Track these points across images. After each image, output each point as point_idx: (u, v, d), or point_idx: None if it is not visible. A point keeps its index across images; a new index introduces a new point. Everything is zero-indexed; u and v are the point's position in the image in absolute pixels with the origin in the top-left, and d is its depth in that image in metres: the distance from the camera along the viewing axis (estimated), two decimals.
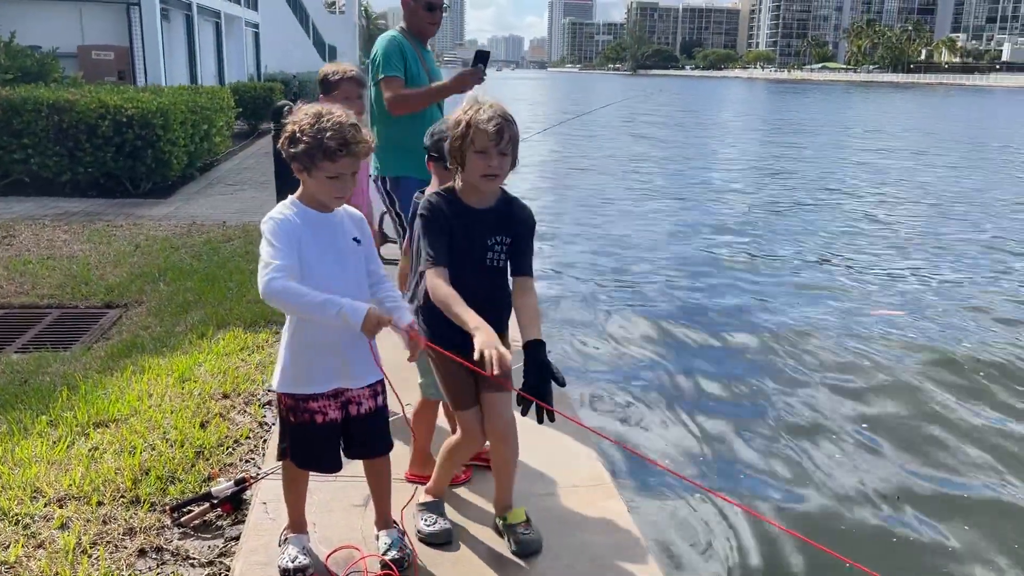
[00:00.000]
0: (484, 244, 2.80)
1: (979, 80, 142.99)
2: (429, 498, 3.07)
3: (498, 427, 2.84)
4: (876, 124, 37.82)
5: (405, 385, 2.87)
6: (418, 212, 2.80)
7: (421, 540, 2.91)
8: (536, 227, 2.92)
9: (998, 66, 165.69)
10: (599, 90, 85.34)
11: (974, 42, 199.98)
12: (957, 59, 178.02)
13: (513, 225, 2.83)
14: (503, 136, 2.64)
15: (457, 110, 2.75)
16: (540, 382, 2.62)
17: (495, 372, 2.42)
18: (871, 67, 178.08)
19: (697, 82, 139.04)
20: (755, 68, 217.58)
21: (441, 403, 3.27)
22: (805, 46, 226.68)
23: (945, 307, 8.15)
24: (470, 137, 2.65)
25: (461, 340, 2.58)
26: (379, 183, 4.38)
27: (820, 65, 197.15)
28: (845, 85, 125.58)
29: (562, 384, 2.66)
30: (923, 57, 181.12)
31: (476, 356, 2.46)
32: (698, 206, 14.61)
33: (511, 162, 2.74)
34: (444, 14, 4.64)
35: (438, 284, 2.69)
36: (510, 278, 2.88)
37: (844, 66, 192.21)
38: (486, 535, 2.99)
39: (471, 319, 2.57)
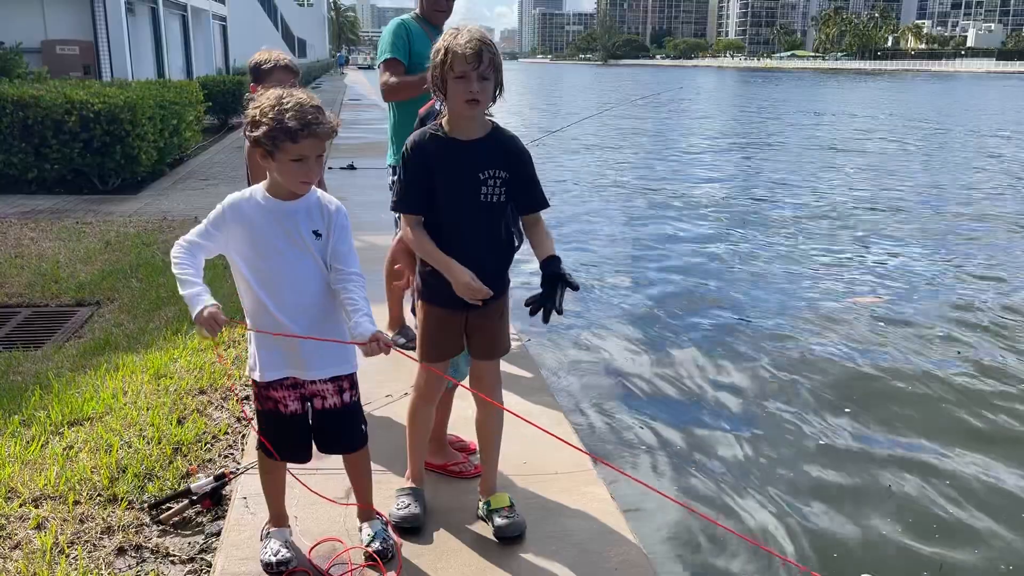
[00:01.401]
0: (476, 178, 2.74)
1: (945, 66, 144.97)
2: (408, 484, 3.07)
3: (484, 391, 2.93)
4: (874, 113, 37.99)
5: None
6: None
7: (391, 524, 2.91)
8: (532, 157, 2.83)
9: (963, 52, 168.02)
10: (571, 82, 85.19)
11: (939, 28, 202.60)
12: (923, 45, 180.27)
13: (506, 157, 2.78)
14: (482, 58, 2.62)
15: (438, 40, 2.73)
16: (551, 291, 2.70)
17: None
18: (839, 54, 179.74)
19: (669, 71, 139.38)
20: (725, 57, 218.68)
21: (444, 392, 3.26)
22: (774, 34, 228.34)
23: (926, 292, 8.16)
24: (449, 63, 2.63)
25: (448, 302, 2.71)
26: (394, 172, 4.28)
27: (789, 53, 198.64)
28: (813, 73, 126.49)
29: (576, 288, 2.74)
30: (889, 44, 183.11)
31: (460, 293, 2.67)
32: (671, 196, 14.65)
33: (495, 87, 2.71)
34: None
35: (406, 231, 2.80)
36: (520, 219, 2.88)
37: (813, 54, 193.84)
38: (475, 526, 2.99)
39: (442, 261, 2.73)
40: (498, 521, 2.90)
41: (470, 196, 2.75)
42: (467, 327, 2.90)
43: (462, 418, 3.47)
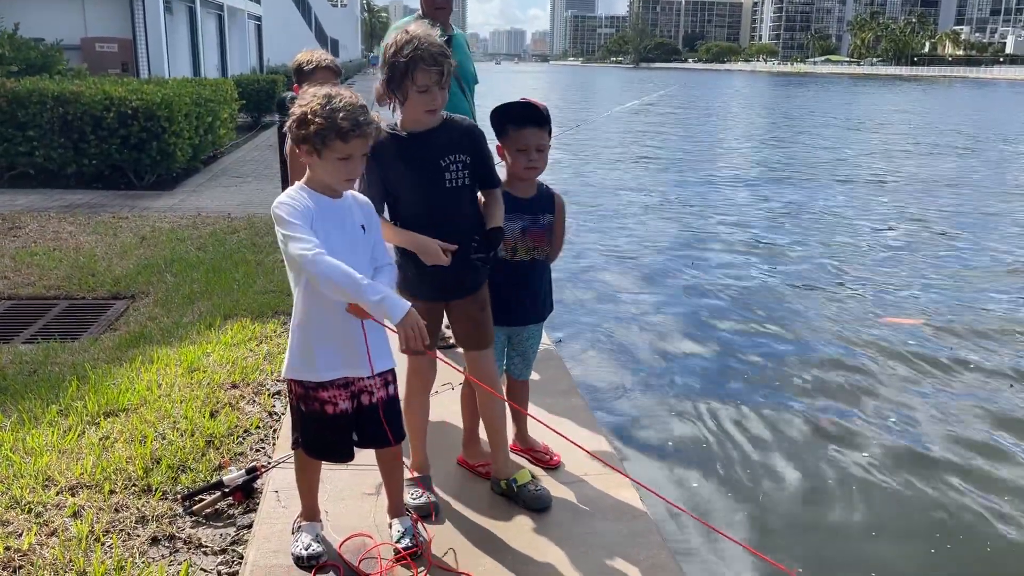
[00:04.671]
0: (437, 165, 2.83)
1: (982, 73, 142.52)
2: (415, 474, 3.13)
3: (483, 380, 2.99)
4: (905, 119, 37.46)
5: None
6: None
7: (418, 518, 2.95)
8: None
9: (1001, 59, 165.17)
10: (601, 85, 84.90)
11: (977, 35, 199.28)
12: (961, 52, 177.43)
13: (465, 140, 2.88)
14: (444, 73, 2.72)
15: (391, 35, 2.86)
16: (487, 251, 2.88)
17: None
18: (875, 60, 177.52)
19: (700, 75, 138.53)
20: (758, 61, 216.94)
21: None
22: (808, 39, 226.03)
23: (963, 314, 7.75)
24: (412, 76, 2.71)
25: (428, 293, 2.79)
26: None
27: (823, 58, 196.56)
28: (848, 78, 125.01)
29: (486, 264, 2.92)
30: (926, 50, 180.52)
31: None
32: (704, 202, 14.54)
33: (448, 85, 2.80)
34: None
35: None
36: (479, 195, 2.97)
37: (847, 59, 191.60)
38: (488, 515, 3.00)
39: (405, 237, 2.82)
40: (528, 494, 3.05)
41: (434, 183, 2.83)
42: (451, 317, 3.02)
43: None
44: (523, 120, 3.06)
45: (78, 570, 2.69)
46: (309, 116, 2.39)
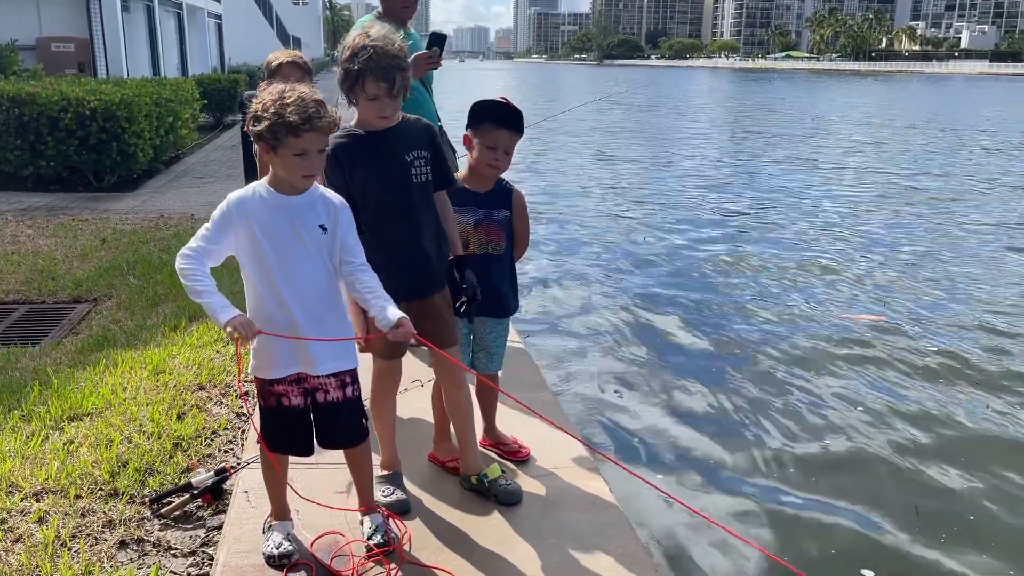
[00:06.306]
0: (403, 161, 2.86)
1: (938, 67, 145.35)
2: (384, 471, 3.14)
3: (452, 377, 3.06)
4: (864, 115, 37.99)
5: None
6: None
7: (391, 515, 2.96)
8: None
9: (956, 53, 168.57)
10: (569, 81, 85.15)
11: (933, 30, 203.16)
12: (917, 47, 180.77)
13: (423, 137, 2.92)
14: (395, 83, 2.74)
15: (352, 35, 2.84)
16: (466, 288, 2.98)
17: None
18: (833, 55, 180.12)
19: (663, 72, 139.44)
20: (720, 57, 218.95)
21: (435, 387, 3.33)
22: (768, 35, 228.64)
23: (927, 310, 7.78)
24: (362, 84, 2.73)
25: (394, 293, 2.74)
26: None
27: (784, 54, 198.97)
28: (807, 74, 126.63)
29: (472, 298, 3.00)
30: (883, 45, 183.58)
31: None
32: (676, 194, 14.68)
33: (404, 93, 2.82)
34: None
35: None
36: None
37: (807, 55, 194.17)
38: (460, 511, 3.01)
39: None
40: (499, 488, 3.08)
41: (402, 180, 2.86)
42: (418, 316, 2.93)
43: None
44: (503, 122, 3.09)
45: None
46: (260, 112, 2.39)
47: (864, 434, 5.13)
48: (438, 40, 4.28)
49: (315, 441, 2.75)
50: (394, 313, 2.51)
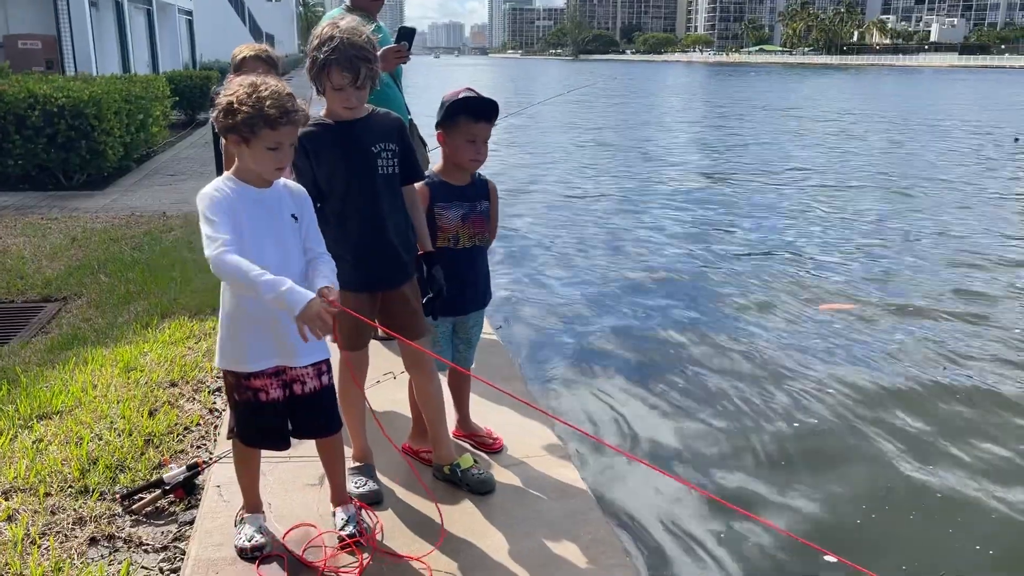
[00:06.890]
0: (370, 152, 2.88)
1: (908, 60, 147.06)
2: (356, 463, 3.15)
3: (422, 367, 3.10)
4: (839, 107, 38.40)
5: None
6: None
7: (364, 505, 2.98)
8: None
9: (926, 46, 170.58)
10: (546, 77, 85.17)
11: (903, 23, 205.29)
12: (888, 40, 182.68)
13: (392, 130, 2.94)
14: (359, 74, 2.76)
15: (321, 25, 2.89)
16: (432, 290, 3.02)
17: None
18: (806, 49, 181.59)
19: (638, 66, 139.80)
20: (694, 52, 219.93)
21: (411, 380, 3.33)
22: (742, 29, 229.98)
23: (896, 297, 7.86)
24: (327, 74, 2.77)
25: (361, 285, 2.80)
26: None
27: (757, 48, 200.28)
28: (781, 67, 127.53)
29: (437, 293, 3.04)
30: (855, 39, 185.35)
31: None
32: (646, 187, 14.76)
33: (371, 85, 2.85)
34: None
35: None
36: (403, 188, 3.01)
37: (780, 48, 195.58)
38: (444, 512, 3.02)
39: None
40: (472, 478, 3.11)
41: (368, 170, 2.88)
42: (386, 309, 3.04)
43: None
44: (480, 114, 3.11)
45: (15, 573, 2.65)
46: (235, 104, 2.38)
47: (835, 419, 5.19)
48: (407, 34, 4.28)
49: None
50: (307, 295, 2.33)
